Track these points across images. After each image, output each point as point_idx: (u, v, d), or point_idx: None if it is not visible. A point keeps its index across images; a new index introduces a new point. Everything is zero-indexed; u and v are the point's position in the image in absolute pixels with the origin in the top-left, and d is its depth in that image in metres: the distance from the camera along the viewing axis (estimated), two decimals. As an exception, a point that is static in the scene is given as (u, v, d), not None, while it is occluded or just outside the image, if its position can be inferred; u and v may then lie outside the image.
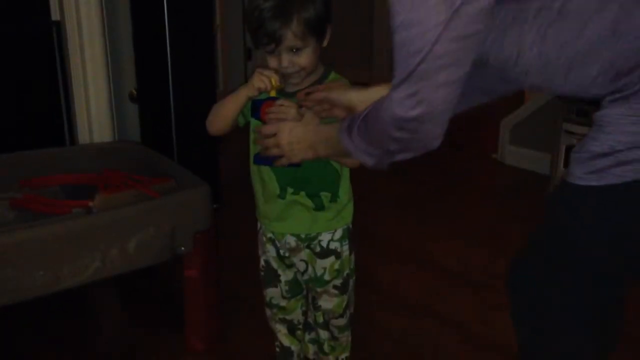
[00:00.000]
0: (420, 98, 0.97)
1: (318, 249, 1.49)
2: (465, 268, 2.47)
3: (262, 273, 1.60)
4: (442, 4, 0.88)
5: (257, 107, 1.36)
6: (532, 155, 3.58)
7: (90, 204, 1.63)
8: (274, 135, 1.31)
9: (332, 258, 1.50)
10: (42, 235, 1.52)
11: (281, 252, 1.54)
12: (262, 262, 1.59)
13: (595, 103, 1.04)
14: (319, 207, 1.46)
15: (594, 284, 1.09)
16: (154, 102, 2.65)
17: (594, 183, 0.99)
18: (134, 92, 2.64)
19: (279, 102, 1.33)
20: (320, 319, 1.61)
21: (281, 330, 1.66)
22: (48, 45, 2.30)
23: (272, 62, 1.34)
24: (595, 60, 0.96)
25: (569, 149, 3.05)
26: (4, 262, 1.46)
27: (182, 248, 1.73)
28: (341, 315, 1.58)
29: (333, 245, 1.50)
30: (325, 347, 1.64)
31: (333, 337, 1.62)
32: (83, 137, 2.43)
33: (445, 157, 3.80)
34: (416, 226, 2.86)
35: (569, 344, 1.15)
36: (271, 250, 1.55)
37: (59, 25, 2.31)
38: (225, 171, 2.88)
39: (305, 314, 1.66)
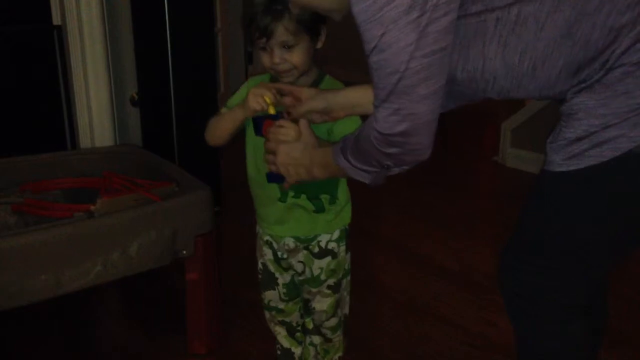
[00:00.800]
0: (404, 113, 1.02)
1: (316, 250, 1.51)
2: (466, 269, 2.47)
3: (260, 276, 1.61)
4: (409, 26, 0.94)
5: (258, 126, 1.37)
6: (533, 157, 3.57)
7: (92, 208, 1.62)
8: (274, 152, 1.33)
9: (328, 258, 1.52)
10: (44, 239, 1.52)
11: (279, 254, 1.54)
12: (259, 265, 1.60)
13: (561, 101, 1.08)
14: (319, 210, 1.47)
15: (581, 267, 1.13)
16: (155, 105, 2.65)
17: (573, 167, 1.04)
18: (135, 95, 2.64)
19: (278, 123, 1.33)
20: (310, 325, 1.61)
21: (281, 333, 1.67)
22: (49, 49, 2.30)
23: (265, 59, 1.36)
24: (557, 58, 1.01)
25: (570, 151, 3.04)
26: (6, 266, 1.46)
27: (184, 251, 1.73)
28: (333, 315, 1.58)
29: (331, 246, 1.51)
30: (319, 349, 1.65)
31: (326, 340, 1.62)
32: (84, 141, 2.43)
33: (447, 160, 3.81)
34: (417, 228, 2.86)
35: (561, 329, 1.18)
36: (268, 253, 1.56)
37: (60, 30, 2.31)
38: (226, 174, 2.89)
39: (303, 316, 1.66)
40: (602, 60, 0.99)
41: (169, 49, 2.53)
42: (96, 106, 2.40)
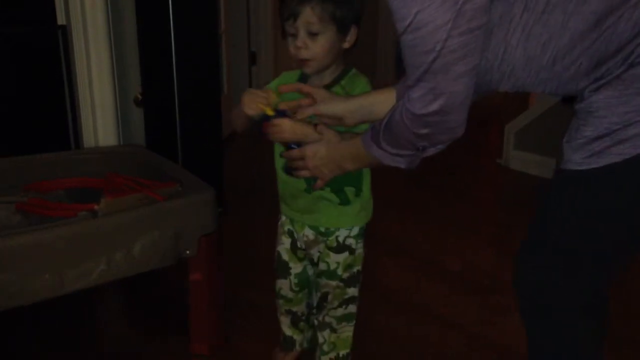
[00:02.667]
0: (439, 92, 1.01)
1: (334, 244, 1.55)
2: (469, 271, 2.47)
3: (275, 264, 1.68)
4: (446, 4, 0.93)
5: (260, 127, 1.39)
6: (537, 160, 3.57)
7: (96, 207, 1.62)
8: (302, 158, 1.34)
9: (345, 254, 1.56)
10: (48, 238, 1.52)
11: (298, 244, 1.60)
12: (276, 253, 1.67)
13: (570, 99, 1.08)
14: (344, 202, 1.50)
15: (600, 265, 1.12)
16: (159, 106, 2.65)
17: (594, 165, 1.03)
18: (139, 96, 2.64)
19: (272, 122, 1.35)
20: (321, 319, 1.65)
21: (285, 322, 1.74)
22: (54, 49, 2.30)
23: (291, 45, 1.37)
24: (578, 52, 1.01)
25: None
26: (10, 265, 1.46)
27: (187, 251, 1.73)
28: (340, 306, 1.61)
29: (349, 242, 1.55)
30: (325, 347, 1.67)
31: (332, 329, 1.64)
32: (88, 141, 2.43)
33: (450, 161, 3.80)
34: (420, 229, 2.86)
35: (575, 328, 1.17)
36: (286, 242, 1.62)
37: (65, 30, 2.31)
38: (229, 175, 2.89)
39: (309, 307, 1.72)
40: (624, 55, 0.98)
41: (173, 49, 2.53)
42: (100, 106, 2.40)
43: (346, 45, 1.40)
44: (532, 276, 1.19)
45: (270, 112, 1.35)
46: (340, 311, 1.62)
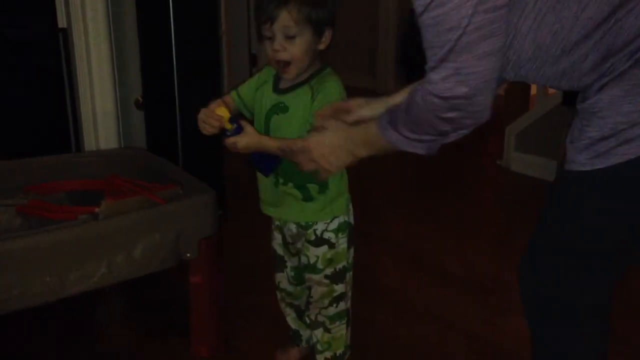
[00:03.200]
0: (465, 72, 0.97)
1: (312, 237, 1.56)
2: (469, 273, 2.47)
3: (272, 259, 1.72)
4: None
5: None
6: (538, 162, 3.57)
7: (96, 210, 1.63)
8: (304, 151, 1.32)
9: (324, 247, 1.57)
10: (48, 241, 1.52)
11: (287, 239, 1.63)
12: (272, 248, 1.70)
13: (571, 101, 1.06)
14: (307, 198, 1.52)
15: (605, 266, 1.12)
16: (159, 109, 2.66)
17: (598, 166, 1.02)
18: (140, 99, 2.64)
19: (226, 141, 1.45)
20: (313, 317, 1.66)
21: (290, 314, 1.78)
22: (55, 52, 2.31)
23: (268, 48, 1.40)
24: (587, 44, 0.99)
25: (574, 156, 3.04)
26: (10, 268, 1.46)
27: (188, 254, 1.74)
28: (330, 305, 1.62)
29: (327, 235, 1.56)
30: (319, 346, 1.68)
31: (326, 329, 1.65)
32: (89, 143, 2.43)
33: (450, 163, 3.80)
34: (420, 230, 2.86)
35: (580, 329, 1.17)
36: (278, 238, 1.67)
37: (66, 33, 2.32)
38: (230, 178, 2.89)
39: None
40: (630, 50, 0.97)
41: (174, 52, 2.54)
42: (101, 109, 2.41)
43: (322, 46, 1.43)
44: (537, 277, 1.19)
45: (229, 126, 1.43)
46: (332, 310, 1.63)
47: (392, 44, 5.68)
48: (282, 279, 1.72)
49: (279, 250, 1.69)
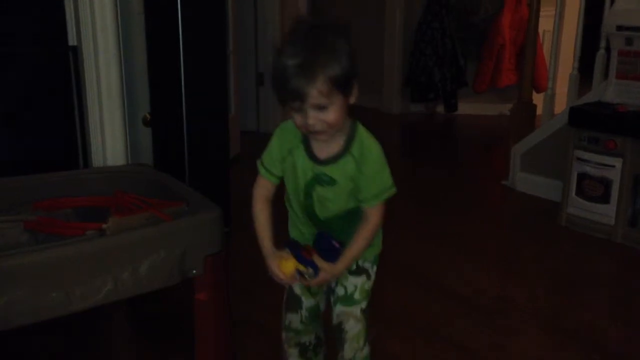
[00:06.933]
0: None
1: (354, 267, 1.53)
2: (475, 292, 2.46)
3: (285, 297, 1.63)
4: None
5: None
6: (543, 182, 3.57)
7: (104, 226, 1.63)
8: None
9: (363, 277, 1.54)
10: (55, 257, 1.52)
11: None
12: (287, 287, 1.61)
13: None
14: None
15: None
16: (167, 126, 2.68)
17: None
18: (148, 116, 2.67)
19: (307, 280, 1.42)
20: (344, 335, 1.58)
21: (293, 354, 1.67)
22: (65, 69, 2.33)
23: (298, 119, 1.32)
24: None
25: (580, 176, 3.04)
26: (17, 283, 1.46)
27: (194, 271, 1.74)
28: (364, 344, 1.57)
29: (366, 265, 1.56)
30: None
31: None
32: (97, 160, 2.45)
33: (457, 182, 3.80)
34: (425, 250, 2.86)
35: None
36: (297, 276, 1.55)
37: (76, 50, 2.34)
38: (236, 195, 2.89)
39: (317, 336, 1.66)
40: None
41: (182, 70, 2.56)
42: (109, 126, 2.43)
43: (352, 100, 1.34)
44: None
45: (302, 268, 1.39)
46: (366, 350, 1.57)
47: (397, 64, 5.72)
48: (294, 319, 1.62)
49: (297, 290, 1.60)
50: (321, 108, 1.28)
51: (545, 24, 4.27)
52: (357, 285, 1.53)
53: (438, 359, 2.02)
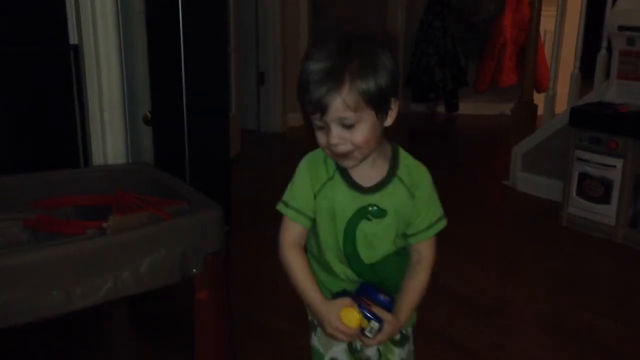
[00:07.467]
0: None
1: (398, 336, 1.32)
2: (475, 293, 2.46)
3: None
4: None
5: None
6: (544, 182, 3.57)
7: (104, 225, 1.63)
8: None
9: (409, 345, 1.36)
10: (55, 255, 1.52)
11: (354, 344, 1.32)
12: (313, 347, 1.36)
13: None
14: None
15: None
16: (167, 125, 2.68)
17: None
18: (149, 115, 2.66)
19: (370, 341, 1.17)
20: None
21: None
22: (66, 67, 2.34)
23: (320, 137, 1.11)
24: None
25: (581, 176, 3.04)
26: (17, 282, 1.46)
27: (194, 270, 1.74)
28: None
29: (408, 331, 1.37)
30: None
31: None
32: (97, 158, 2.45)
33: (458, 183, 3.80)
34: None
35: None
36: (339, 347, 1.32)
37: (77, 49, 2.34)
38: (236, 194, 2.90)
39: None
40: None
41: (183, 69, 2.56)
42: (110, 124, 2.42)
43: (389, 122, 1.13)
44: None
45: (366, 324, 1.14)
46: None
47: (399, 65, 5.71)
48: None
49: (338, 354, 1.32)
50: (347, 125, 1.07)
51: (547, 24, 4.27)
52: (403, 358, 1.33)
53: (438, 359, 2.01)
